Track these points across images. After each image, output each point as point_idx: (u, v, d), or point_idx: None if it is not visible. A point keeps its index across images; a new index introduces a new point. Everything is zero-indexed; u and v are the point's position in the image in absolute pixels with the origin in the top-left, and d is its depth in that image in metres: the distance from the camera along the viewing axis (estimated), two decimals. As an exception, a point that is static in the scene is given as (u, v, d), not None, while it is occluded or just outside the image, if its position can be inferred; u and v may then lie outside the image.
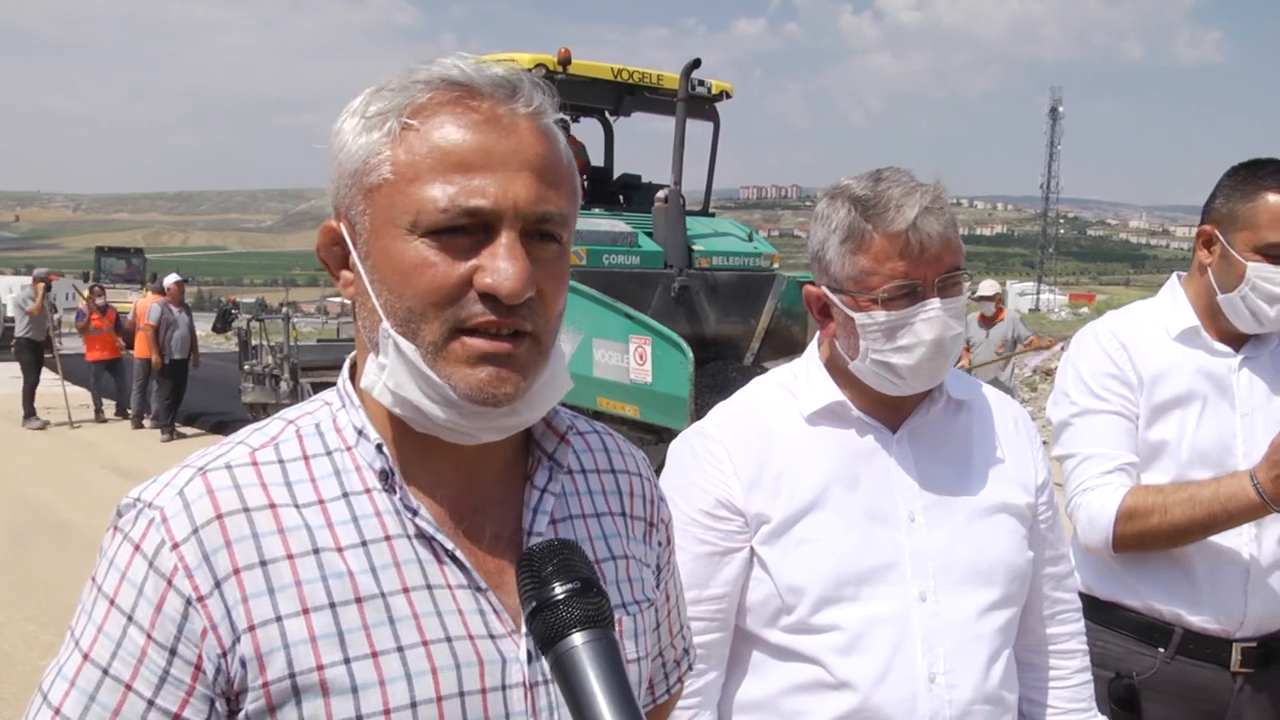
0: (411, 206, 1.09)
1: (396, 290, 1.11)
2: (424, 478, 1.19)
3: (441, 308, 1.09)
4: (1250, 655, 2.51)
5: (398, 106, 1.12)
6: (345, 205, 1.16)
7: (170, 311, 15.48)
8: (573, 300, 9.30)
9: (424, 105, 1.11)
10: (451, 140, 1.09)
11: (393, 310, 1.11)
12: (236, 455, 1.16)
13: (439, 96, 1.11)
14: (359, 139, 1.13)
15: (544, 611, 1.01)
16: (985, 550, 1.89)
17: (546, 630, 1.01)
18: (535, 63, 10.22)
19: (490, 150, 1.09)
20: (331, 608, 1.10)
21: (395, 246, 1.10)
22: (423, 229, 1.09)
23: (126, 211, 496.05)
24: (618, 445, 1.42)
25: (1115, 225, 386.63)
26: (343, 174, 1.15)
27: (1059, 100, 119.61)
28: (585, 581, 1.03)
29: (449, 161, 1.09)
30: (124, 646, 1.08)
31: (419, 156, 1.09)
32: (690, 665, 1.60)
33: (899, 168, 1.84)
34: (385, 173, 1.11)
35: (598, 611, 1.02)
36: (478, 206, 1.08)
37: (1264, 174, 2.43)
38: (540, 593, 1.02)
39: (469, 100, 1.11)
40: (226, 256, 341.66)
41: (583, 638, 1.00)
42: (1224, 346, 2.54)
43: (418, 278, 1.09)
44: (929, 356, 1.80)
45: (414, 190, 1.09)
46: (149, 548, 1.09)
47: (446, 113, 1.11)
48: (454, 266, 1.09)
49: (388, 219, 1.11)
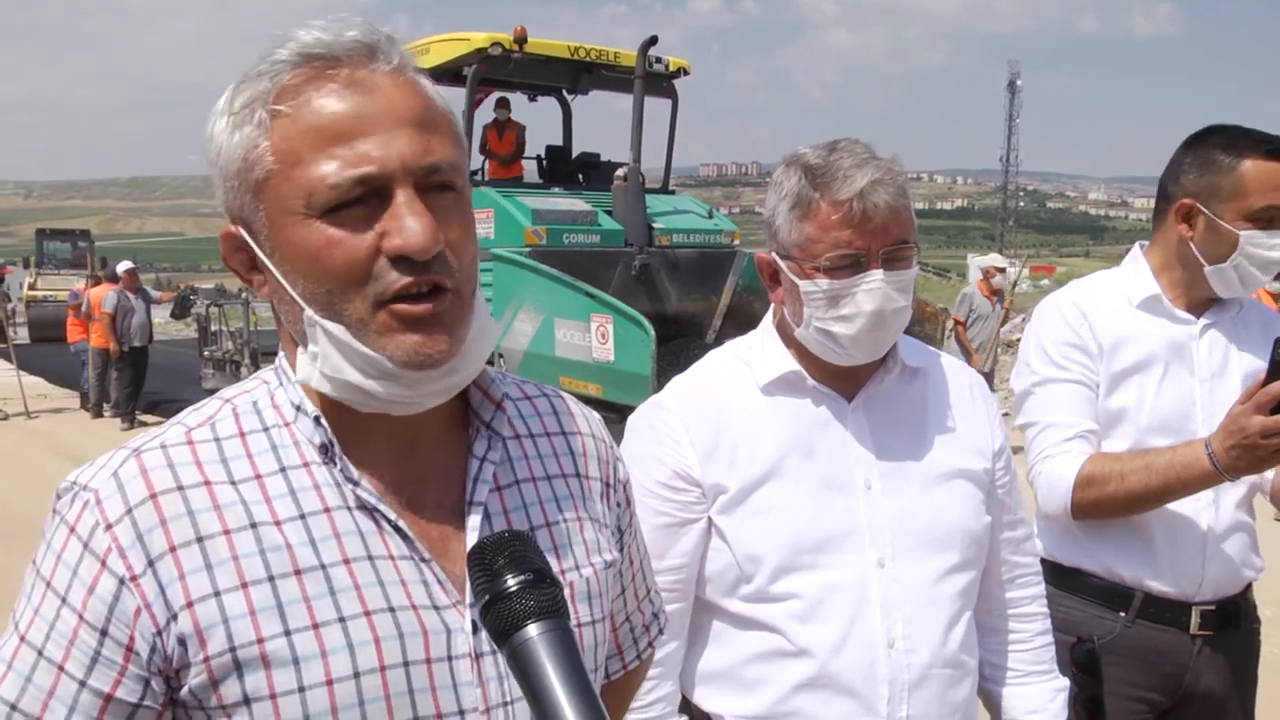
0: (302, 190, 1.08)
1: (310, 276, 1.10)
2: (364, 450, 1.18)
3: (360, 284, 1.09)
4: (1209, 618, 2.54)
5: (262, 94, 1.10)
6: (237, 207, 1.14)
7: (127, 299, 15.32)
8: (533, 280, 9.31)
9: (287, 87, 1.10)
10: (323, 115, 1.08)
11: (312, 297, 1.11)
12: (172, 435, 1.16)
13: (299, 74, 1.10)
14: (232, 138, 1.12)
15: (497, 604, 1.01)
16: (942, 516, 1.91)
17: (501, 623, 1.00)
18: (491, 41, 10.16)
19: (362, 115, 1.08)
20: (270, 581, 1.09)
21: (297, 233, 1.09)
22: (319, 209, 1.08)
23: (79, 198, 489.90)
24: (568, 407, 1.42)
25: (1074, 197, 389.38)
26: (227, 176, 1.14)
27: (1016, 74, 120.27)
28: (537, 572, 1.02)
29: (325, 135, 1.08)
30: (56, 628, 1.08)
31: (295, 139, 1.08)
32: (660, 629, 1.61)
33: (857, 139, 1.85)
34: (268, 164, 1.10)
35: (551, 602, 1.01)
36: (366, 174, 1.07)
37: (1239, 141, 2.44)
38: (493, 585, 1.02)
39: (328, 70, 1.10)
40: (183, 242, 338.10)
41: (538, 629, 0.99)
42: (1185, 314, 2.55)
43: (327, 258, 1.08)
44: (869, 327, 1.81)
45: (300, 173, 1.08)
46: (83, 529, 1.09)
47: (311, 89, 1.09)
48: (359, 239, 1.08)
49: (282, 208, 1.10)
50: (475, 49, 10.27)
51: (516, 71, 10.66)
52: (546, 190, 11.27)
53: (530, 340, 9.31)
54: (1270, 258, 2.42)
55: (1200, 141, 2.52)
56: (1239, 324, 2.59)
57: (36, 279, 31.92)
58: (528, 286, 9.29)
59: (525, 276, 9.32)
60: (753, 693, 1.87)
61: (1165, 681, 2.57)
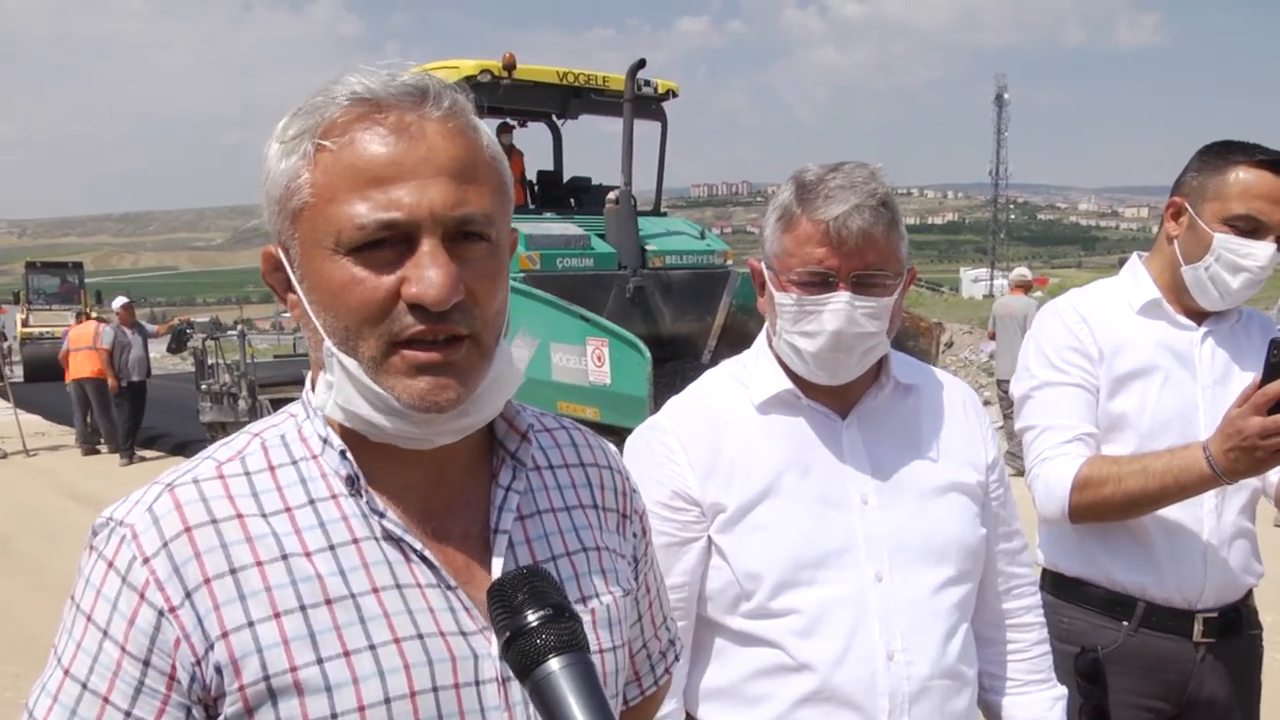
0: (333, 226, 1.10)
1: (331, 310, 1.13)
2: (390, 481, 1.21)
3: (375, 324, 1.11)
4: (1211, 625, 2.54)
5: (311, 128, 1.13)
6: (278, 230, 1.17)
7: (124, 334, 15.31)
8: (528, 305, 9.31)
9: (334, 124, 1.12)
10: (363, 156, 1.10)
11: (332, 329, 1.13)
12: (203, 470, 1.18)
13: (348, 113, 1.12)
14: (280, 164, 1.15)
15: (519, 640, 1.02)
16: (938, 529, 1.92)
17: (522, 658, 1.01)
18: (480, 69, 10.19)
19: (401, 161, 1.10)
20: (302, 610, 1.11)
21: (324, 268, 1.12)
22: (345, 247, 1.10)
23: (74, 235, 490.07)
24: (585, 439, 1.44)
25: (1065, 209, 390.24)
26: (271, 200, 1.17)
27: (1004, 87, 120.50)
28: (557, 608, 1.04)
29: (362, 178, 1.10)
30: (100, 660, 1.10)
31: (334, 176, 1.11)
32: (677, 656, 1.62)
33: (865, 164, 1.87)
34: (305, 196, 1.12)
35: (571, 636, 1.02)
36: (393, 219, 1.09)
37: (1235, 149, 2.46)
38: (513, 621, 1.03)
39: (376, 114, 1.12)
40: (178, 276, 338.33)
41: (559, 663, 1.00)
42: (1186, 320, 2.56)
43: (347, 296, 1.11)
44: (829, 346, 1.83)
45: (332, 210, 1.10)
46: (121, 564, 1.11)
47: (356, 129, 1.11)
48: (380, 281, 1.10)
49: (314, 241, 1.12)
50: (464, 77, 10.30)
51: (506, 98, 10.68)
52: (539, 215, 11.29)
53: (527, 365, 9.30)
54: (1240, 264, 2.42)
55: (1210, 147, 2.53)
56: (1239, 331, 2.60)
57: (29, 315, 30.66)
58: (522, 312, 9.30)
59: (519, 302, 9.32)
60: (756, 708, 1.88)
61: (1169, 690, 2.57)
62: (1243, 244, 2.41)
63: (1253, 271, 2.42)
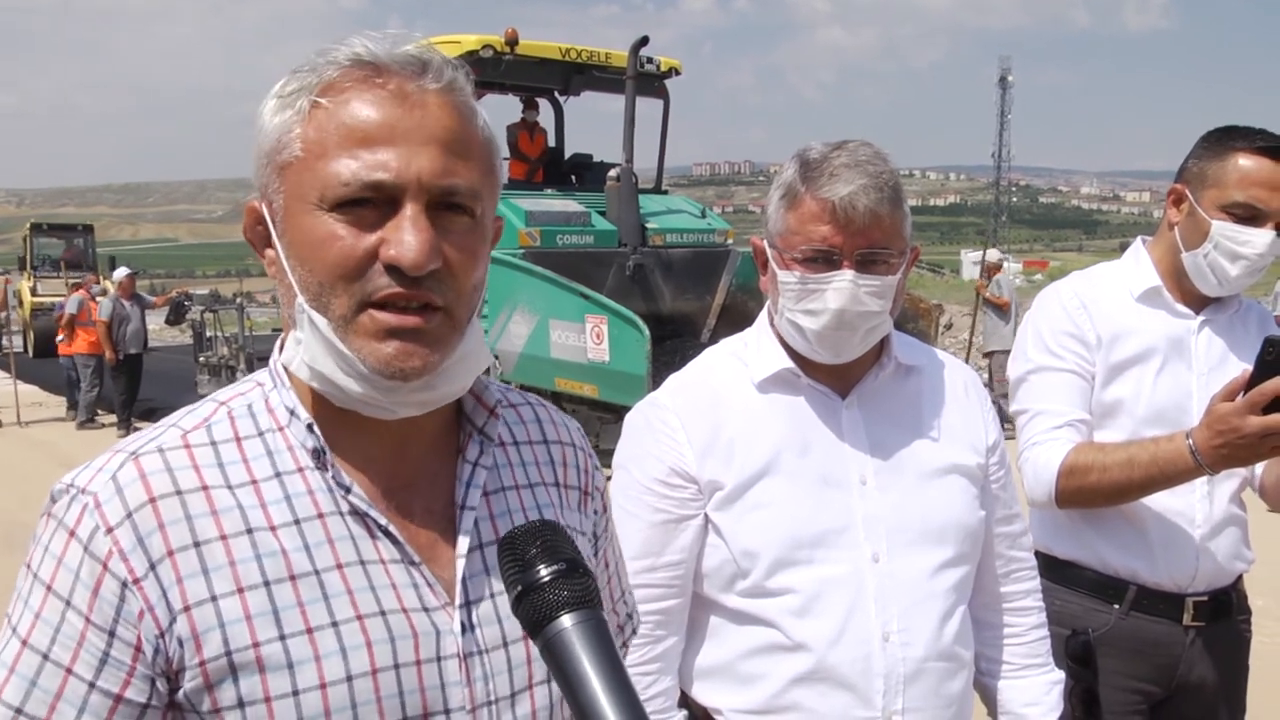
0: (319, 182, 1.10)
1: (308, 264, 1.12)
2: (355, 455, 1.20)
3: (349, 281, 1.11)
4: (1201, 609, 2.56)
5: (309, 85, 1.13)
6: (264, 184, 1.17)
7: (122, 306, 15.27)
8: (528, 281, 9.31)
9: (333, 83, 1.13)
10: (357, 116, 1.11)
11: (306, 285, 1.13)
12: (169, 438, 1.17)
13: (349, 75, 1.13)
14: (274, 119, 1.15)
15: (531, 594, 1.00)
16: (936, 511, 1.92)
17: (534, 614, 0.99)
18: (482, 44, 10.17)
19: (395, 125, 1.11)
20: (266, 586, 1.11)
21: (306, 221, 1.12)
22: (330, 203, 1.10)
23: (73, 205, 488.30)
24: (550, 416, 1.44)
25: (1067, 192, 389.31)
26: (260, 153, 1.17)
27: (1008, 69, 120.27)
28: (570, 562, 1.02)
29: (354, 137, 1.10)
30: (63, 631, 1.09)
31: (326, 133, 1.11)
32: (634, 630, 1.62)
33: (869, 143, 1.86)
34: (296, 150, 1.12)
35: (585, 592, 1.00)
36: (379, 180, 1.09)
37: (1237, 135, 2.45)
38: (525, 576, 1.01)
39: (376, 78, 1.13)
40: (177, 248, 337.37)
41: (572, 619, 0.98)
42: (1185, 308, 2.56)
43: (325, 251, 1.11)
44: (832, 325, 1.83)
45: (321, 166, 1.11)
46: (84, 533, 1.09)
47: (354, 90, 1.12)
48: (360, 239, 1.10)
49: (299, 195, 1.12)
50: (466, 51, 10.27)
51: (508, 74, 10.67)
52: (540, 191, 11.28)
53: (525, 342, 9.31)
54: (1238, 252, 2.42)
55: (1213, 133, 2.53)
56: (1237, 322, 2.60)
57: (35, 283, 27.70)
58: (522, 288, 9.29)
59: (519, 278, 9.32)
60: (750, 687, 1.89)
61: (1159, 672, 2.59)
62: (1240, 231, 2.41)
63: (1251, 259, 2.42)
